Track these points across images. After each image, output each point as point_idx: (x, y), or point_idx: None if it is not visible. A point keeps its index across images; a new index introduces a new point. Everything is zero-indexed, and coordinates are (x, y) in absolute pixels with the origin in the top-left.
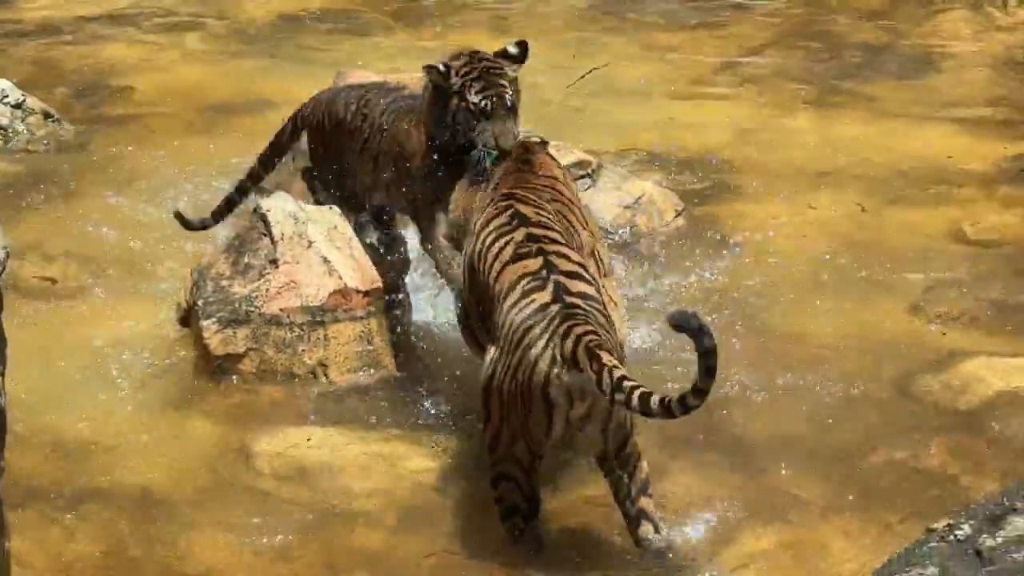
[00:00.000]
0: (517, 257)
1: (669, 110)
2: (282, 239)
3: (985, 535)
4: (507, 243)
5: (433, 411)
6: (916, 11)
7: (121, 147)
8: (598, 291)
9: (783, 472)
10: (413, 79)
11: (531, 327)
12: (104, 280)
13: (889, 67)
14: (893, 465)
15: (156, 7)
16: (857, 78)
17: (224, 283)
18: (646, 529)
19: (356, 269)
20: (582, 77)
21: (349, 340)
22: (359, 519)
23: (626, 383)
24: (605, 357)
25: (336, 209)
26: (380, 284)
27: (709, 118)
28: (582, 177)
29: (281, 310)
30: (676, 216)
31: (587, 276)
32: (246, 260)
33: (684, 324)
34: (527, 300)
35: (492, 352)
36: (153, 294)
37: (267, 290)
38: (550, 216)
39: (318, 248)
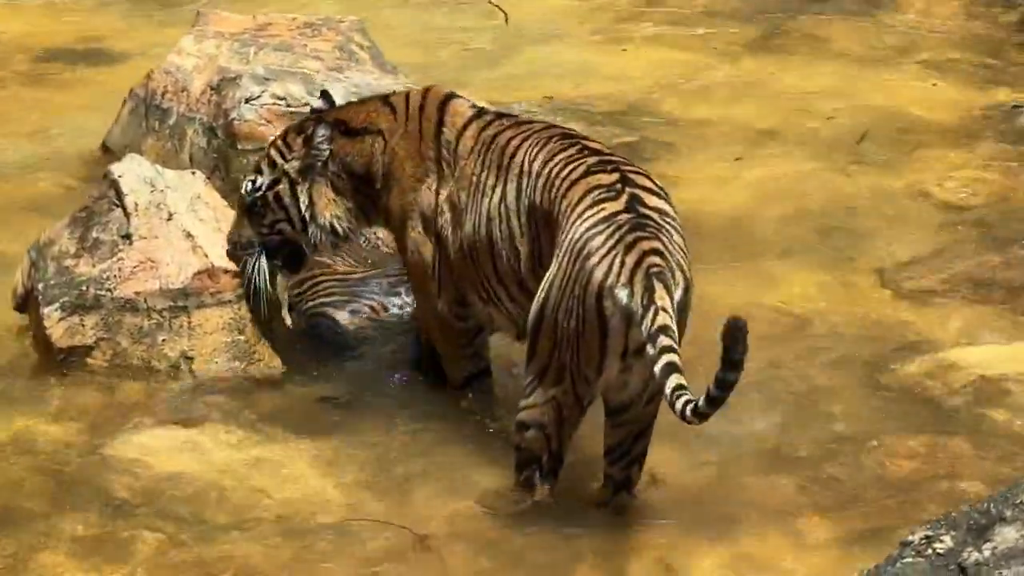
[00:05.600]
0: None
1: (589, 55)
2: (136, 210)
3: (970, 548)
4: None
5: (314, 412)
6: None
7: None
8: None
9: (743, 477)
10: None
11: (594, 236)
12: None
13: (842, 2)
14: (863, 465)
15: None
16: (805, 15)
17: (68, 263)
18: (621, 499)
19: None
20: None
21: (217, 329)
22: (225, 534)
23: (662, 338)
24: (659, 292)
25: (200, 174)
26: None
27: (633, 64)
28: None
29: (136, 294)
30: None
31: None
32: (94, 235)
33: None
34: (595, 210)
35: (549, 273)
36: None
37: (120, 270)
38: None
39: (179, 220)
